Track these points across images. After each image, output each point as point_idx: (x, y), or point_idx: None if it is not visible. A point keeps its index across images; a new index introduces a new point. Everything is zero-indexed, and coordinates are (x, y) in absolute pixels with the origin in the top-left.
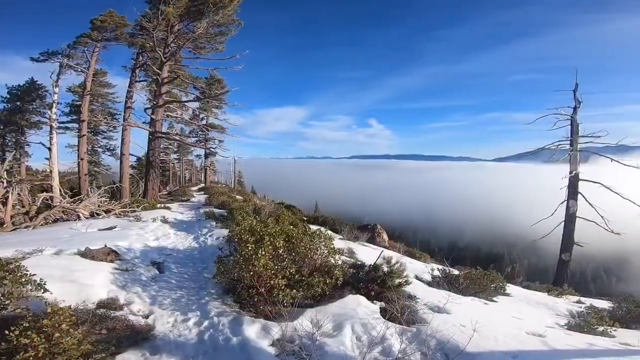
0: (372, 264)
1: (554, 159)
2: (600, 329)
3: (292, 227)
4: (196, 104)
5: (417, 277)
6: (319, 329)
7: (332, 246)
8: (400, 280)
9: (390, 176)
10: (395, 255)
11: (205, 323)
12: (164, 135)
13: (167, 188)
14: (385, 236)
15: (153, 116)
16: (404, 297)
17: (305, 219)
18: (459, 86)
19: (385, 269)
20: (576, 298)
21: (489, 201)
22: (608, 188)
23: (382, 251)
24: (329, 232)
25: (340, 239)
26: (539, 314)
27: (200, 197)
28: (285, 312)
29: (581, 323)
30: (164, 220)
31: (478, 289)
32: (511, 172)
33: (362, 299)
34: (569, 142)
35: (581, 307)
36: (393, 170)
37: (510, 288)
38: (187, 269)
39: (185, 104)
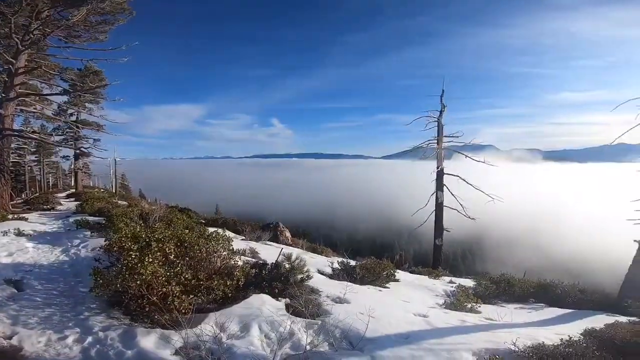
0: (274, 262)
1: (426, 156)
2: (469, 305)
3: (187, 231)
4: (64, 98)
5: (319, 271)
6: (224, 331)
7: (231, 248)
8: (302, 276)
9: (292, 175)
10: (297, 252)
11: (89, 339)
12: (15, 134)
13: (23, 195)
14: (288, 234)
15: (1, 111)
16: (308, 292)
17: (203, 221)
18: (356, 88)
19: (287, 266)
20: (449, 279)
21: (379, 195)
22: (464, 180)
23: (282, 249)
24: (230, 233)
25: (242, 239)
26: (422, 296)
27: (69, 205)
28: (184, 319)
29: (454, 302)
30: (19, 233)
31: (373, 278)
32: (395, 168)
33: (266, 297)
34: (435, 141)
35: (453, 287)
36: (294, 169)
37: (399, 274)
38: (56, 284)
39: (48, 97)
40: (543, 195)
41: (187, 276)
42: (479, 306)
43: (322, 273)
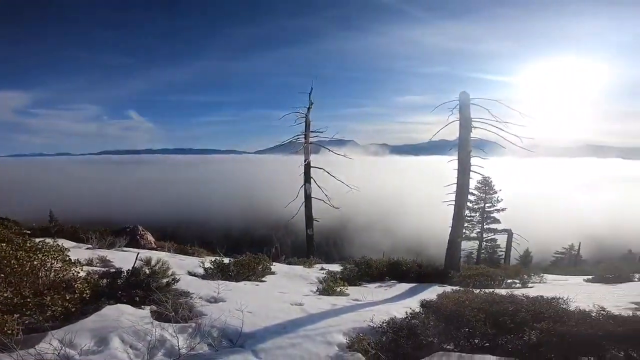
0: (130, 269)
1: (296, 150)
2: (338, 289)
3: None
4: None
5: (190, 273)
6: (74, 348)
7: (68, 258)
8: (168, 279)
9: (154, 172)
10: (160, 256)
11: None
12: None
13: None
14: (150, 237)
15: None
16: (177, 295)
17: (28, 232)
18: (233, 83)
19: (147, 271)
20: (320, 266)
21: (253, 190)
22: (327, 172)
23: (138, 253)
24: (69, 243)
25: (87, 248)
26: (298, 286)
27: None
28: (11, 340)
29: (326, 287)
30: None
31: (249, 273)
32: (269, 163)
33: (125, 307)
34: (303, 136)
35: (323, 273)
36: (157, 166)
37: (276, 266)
38: None
39: None
40: (390, 184)
41: (5, 294)
42: (347, 289)
43: (193, 274)
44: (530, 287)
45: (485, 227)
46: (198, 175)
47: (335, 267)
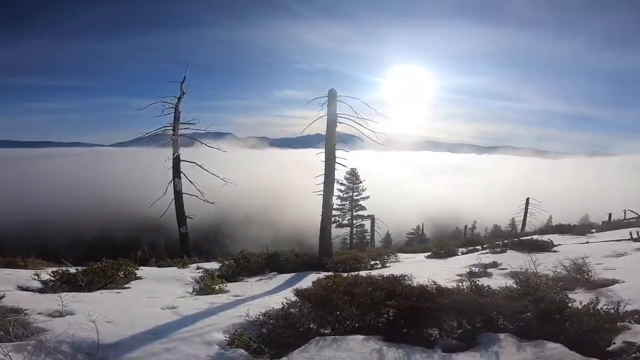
0: None
1: (162, 143)
2: (217, 287)
3: None
4: None
5: (21, 288)
6: None
7: None
8: None
9: None
10: None
11: None
12: None
13: None
14: None
15: None
16: (3, 313)
17: None
18: (74, 65)
19: None
20: (196, 265)
21: (114, 187)
22: (200, 166)
23: None
24: None
25: None
26: (170, 288)
27: None
28: None
29: (203, 287)
30: None
31: (106, 281)
32: (131, 156)
33: None
34: (172, 127)
35: (200, 272)
36: None
37: (143, 270)
38: None
39: None
40: (269, 177)
41: None
42: (226, 285)
43: (26, 289)
44: (388, 267)
45: (354, 214)
46: (31, 171)
47: (214, 265)
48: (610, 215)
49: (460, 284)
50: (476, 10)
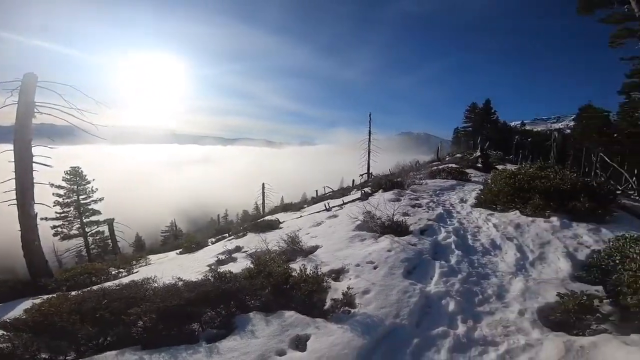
0: None
1: None
2: None
3: None
4: None
5: None
6: None
7: None
8: None
9: None
10: None
11: None
12: None
13: None
14: None
15: None
16: None
17: None
18: None
19: None
20: None
21: None
22: None
23: None
24: None
25: None
26: None
27: None
28: None
29: None
30: None
31: None
32: None
33: None
34: None
35: None
36: None
37: None
38: None
39: None
40: None
41: None
42: None
43: None
44: (136, 272)
45: (85, 220)
46: None
47: None
48: (317, 191)
49: (207, 274)
50: (233, 8)
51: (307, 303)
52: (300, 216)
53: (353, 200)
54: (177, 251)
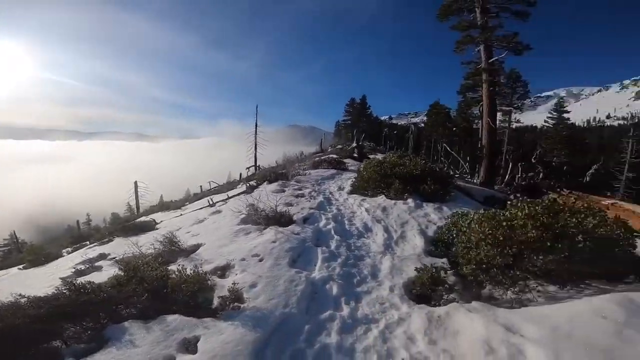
0: None
1: None
2: None
3: None
4: None
5: None
6: None
7: None
8: None
9: None
10: None
11: None
12: None
13: None
14: None
15: None
16: None
17: None
18: None
19: None
20: None
21: None
22: None
23: None
24: None
25: None
26: None
27: None
28: None
29: None
30: None
31: None
32: None
33: None
34: None
35: None
36: None
37: None
38: None
39: None
40: None
41: None
42: None
43: None
44: None
45: None
46: None
47: None
48: (201, 187)
49: (59, 288)
50: None
51: (192, 304)
52: (181, 214)
53: (238, 194)
54: (21, 266)
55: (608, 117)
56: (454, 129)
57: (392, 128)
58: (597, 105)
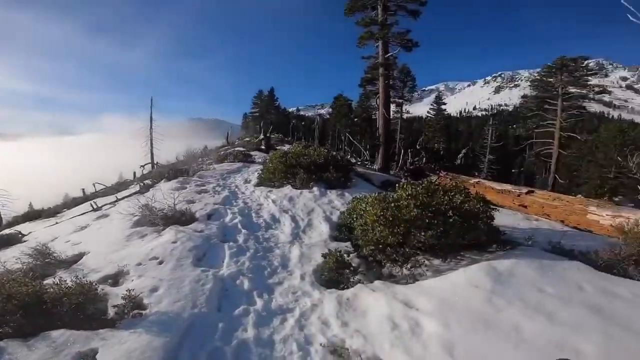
0: None
1: None
2: None
3: None
4: None
5: None
6: None
7: None
8: None
9: None
10: None
11: None
12: None
13: None
14: None
15: None
16: None
17: None
18: None
19: None
20: None
21: None
22: None
23: None
24: None
25: None
26: None
27: None
28: None
29: None
30: None
31: None
32: None
33: None
34: None
35: None
36: None
37: None
38: None
39: None
40: None
41: None
42: None
43: None
44: None
45: None
46: None
47: None
48: (83, 190)
49: None
50: None
51: (82, 317)
52: (57, 222)
53: (130, 195)
54: None
55: (474, 108)
56: (355, 119)
57: (300, 119)
58: (467, 98)
